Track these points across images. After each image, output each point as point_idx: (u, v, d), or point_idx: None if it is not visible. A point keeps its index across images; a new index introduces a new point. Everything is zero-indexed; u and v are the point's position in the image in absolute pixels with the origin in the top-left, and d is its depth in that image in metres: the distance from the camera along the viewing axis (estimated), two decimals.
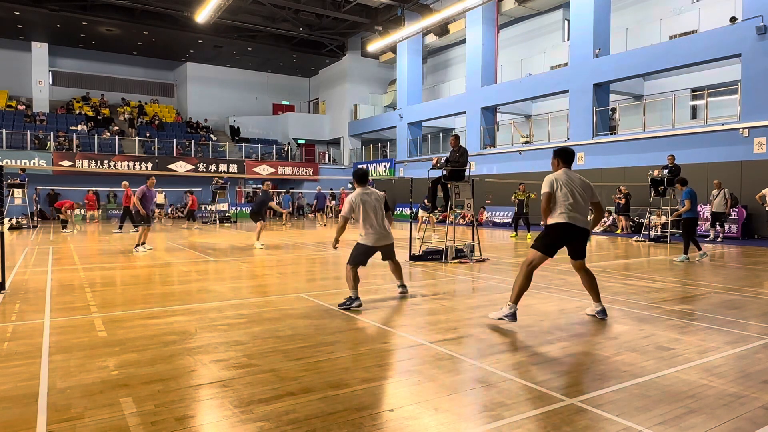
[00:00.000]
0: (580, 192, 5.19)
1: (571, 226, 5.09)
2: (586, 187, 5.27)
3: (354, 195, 6.17)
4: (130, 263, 9.98)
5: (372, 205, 6.14)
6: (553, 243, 5.13)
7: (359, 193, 6.17)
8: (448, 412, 3.07)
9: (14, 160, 24.88)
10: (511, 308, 5.06)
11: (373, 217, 6.11)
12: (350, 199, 6.13)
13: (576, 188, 5.18)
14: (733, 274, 8.64)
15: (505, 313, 5.07)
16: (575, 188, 5.18)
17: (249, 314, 5.62)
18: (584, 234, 5.21)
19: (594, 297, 5.43)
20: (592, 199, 5.31)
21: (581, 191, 5.20)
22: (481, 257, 10.44)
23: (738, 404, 3.19)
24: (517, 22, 27.24)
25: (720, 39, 16.56)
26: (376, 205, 6.18)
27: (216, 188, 24.90)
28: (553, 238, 5.14)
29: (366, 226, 6.13)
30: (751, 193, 14.70)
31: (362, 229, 6.17)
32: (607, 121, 20.86)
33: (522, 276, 5.11)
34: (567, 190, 5.15)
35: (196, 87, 37.29)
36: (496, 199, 24.19)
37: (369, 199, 6.15)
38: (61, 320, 5.34)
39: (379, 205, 6.22)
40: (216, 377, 3.64)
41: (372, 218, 6.11)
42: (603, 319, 5.33)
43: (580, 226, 5.14)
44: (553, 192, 5.18)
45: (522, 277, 5.11)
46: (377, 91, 36.55)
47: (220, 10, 23.67)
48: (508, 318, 5.06)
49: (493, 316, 5.18)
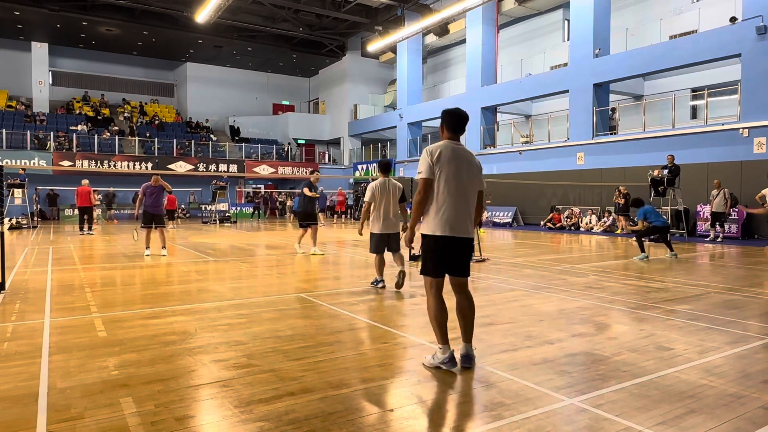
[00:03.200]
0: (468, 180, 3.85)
1: (452, 239, 3.78)
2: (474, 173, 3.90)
3: (375, 183, 6.94)
4: (130, 263, 9.98)
5: (388, 193, 6.88)
6: (438, 258, 3.82)
7: (380, 181, 6.94)
8: (449, 412, 3.07)
9: (14, 160, 24.89)
10: (444, 351, 3.77)
11: (385, 205, 6.85)
12: (371, 186, 6.90)
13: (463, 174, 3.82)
14: (733, 274, 8.64)
15: (441, 360, 3.76)
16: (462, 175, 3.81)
17: (249, 314, 5.62)
18: (469, 245, 3.91)
19: (464, 334, 3.89)
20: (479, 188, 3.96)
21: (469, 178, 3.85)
22: (481, 257, 10.44)
23: (738, 404, 3.19)
24: (517, 22, 27.24)
25: (720, 39, 16.56)
26: (392, 194, 6.90)
27: (216, 188, 24.93)
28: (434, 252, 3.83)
29: (378, 213, 6.87)
30: (751, 193, 14.69)
31: (372, 216, 6.91)
32: (607, 121, 20.86)
33: (434, 306, 3.84)
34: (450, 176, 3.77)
35: (196, 87, 37.30)
36: (496, 199, 24.20)
37: (387, 188, 6.90)
38: (61, 320, 5.34)
39: (394, 195, 6.92)
40: (216, 377, 3.64)
41: (384, 206, 6.85)
42: (468, 367, 3.82)
43: (463, 237, 3.82)
44: (434, 178, 3.76)
45: (434, 307, 3.84)
46: (377, 91, 36.56)
47: (220, 10, 23.67)
48: (445, 365, 3.75)
49: (427, 363, 3.88)
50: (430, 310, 3.87)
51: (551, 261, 10.41)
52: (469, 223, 3.86)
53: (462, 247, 3.84)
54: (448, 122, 3.89)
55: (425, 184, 3.76)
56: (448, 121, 3.89)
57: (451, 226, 3.76)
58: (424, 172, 3.76)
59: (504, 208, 23.59)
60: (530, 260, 10.54)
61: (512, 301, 6.32)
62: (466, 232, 3.83)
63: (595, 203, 20.02)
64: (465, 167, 3.82)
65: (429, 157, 3.76)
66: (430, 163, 3.75)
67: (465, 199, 3.81)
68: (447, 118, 3.89)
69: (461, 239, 3.81)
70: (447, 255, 3.81)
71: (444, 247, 3.80)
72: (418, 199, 3.78)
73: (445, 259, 3.82)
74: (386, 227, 6.91)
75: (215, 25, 28.08)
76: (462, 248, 3.84)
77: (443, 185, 3.75)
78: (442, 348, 3.80)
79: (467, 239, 3.85)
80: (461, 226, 3.79)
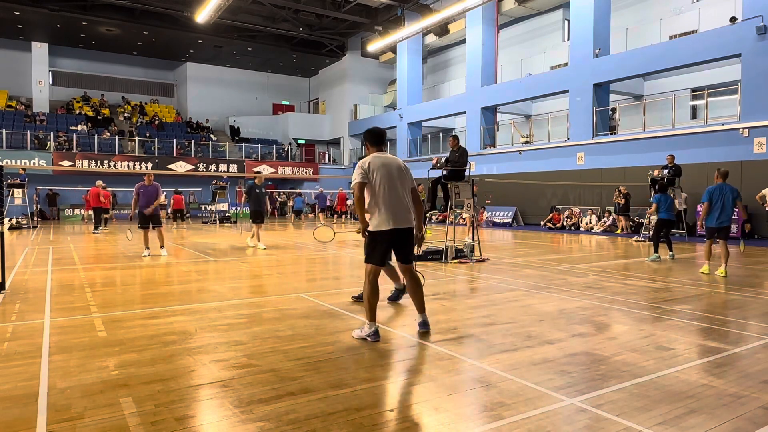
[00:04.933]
0: (402, 177, 4.62)
1: (394, 231, 4.51)
2: (403, 170, 4.68)
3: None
4: (130, 263, 9.98)
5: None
6: (381, 250, 4.58)
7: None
8: (448, 412, 3.07)
9: (14, 160, 24.88)
10: (370, 327, 4.53)
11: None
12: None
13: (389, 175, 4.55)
14: (733, 274, 8.63)
15: (367, 333, 4.51)
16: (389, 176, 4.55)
17: (249, 314, 5.62)
18: (410, 234, 4.65)
19: (417, 306, 4.84)
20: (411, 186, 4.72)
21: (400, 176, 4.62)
22: (481, 257, 10.44)
23: (738, 404, 3.19)
24: (517, 22, 27.24)
25: (720, 39, 16.56)
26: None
27: (216, 188, 24.93)
28: (379, 244, 4.57)
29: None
30: (751, 193, 14.69)
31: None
32: (607, 121, 20.86)
33: (369, 290, 4.57)
34: (383, 179, 4.51)
35: (196, 87, 37.30)
36: (496, 199, 24.21)
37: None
38: (61, 320, 5.34)
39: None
40: (216, 377, 3.64)
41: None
42: (424, 331, 4.75)
43: (405, 227, 4.58)
44: (368, 181, 4.50)
45: (369, 291, 4.57)
46: (377, 91, 36.56)
47: (220, 10, 23.68)
48: (371, 338, 4.49)
49: (355, 335, 4.63)
50: (367, 294, 4.56)
51: (551, 261, 10.41)
52: (408, 215, 4.59)
53: (405, 236, 4.59)
54: (369, 139, 4.75)
55: (360, 187, 4.51)
56: (369, 139, 4.75)
57: (393, 220, 4.48)
58: (359, 178, 4.50)
59: (504, 208, 23.60)
60: (530, 260, 10.54)
61: (512, 301, 6.33)
62: (408, 223, 4.57)
63: (595, 203, 20.02)
64: (394, 170, 4.60)
65: (361, 168, 4.53)
66: (365, 172, 4.50)
67: (400, 195, 4.56)
68: (368, 137, 4.75)
69: (403, 230, 4.54)
70: (393, 244, 4.58)
71: (390, 238, 4.53)
72: (355, 198, 4.51)
73: (390, 249, 4.62)
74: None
75: (215, 25, 28.08)
76: (405, 237, 4.59)
77: (379, 187, 4.48)
78: (369, 324, 4.54)
79: (409, 229, 4.60)
80: (402, 218, 4.53)
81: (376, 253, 4.57)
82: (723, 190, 8.39)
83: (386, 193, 4.49)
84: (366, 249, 4.63)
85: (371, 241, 4.57)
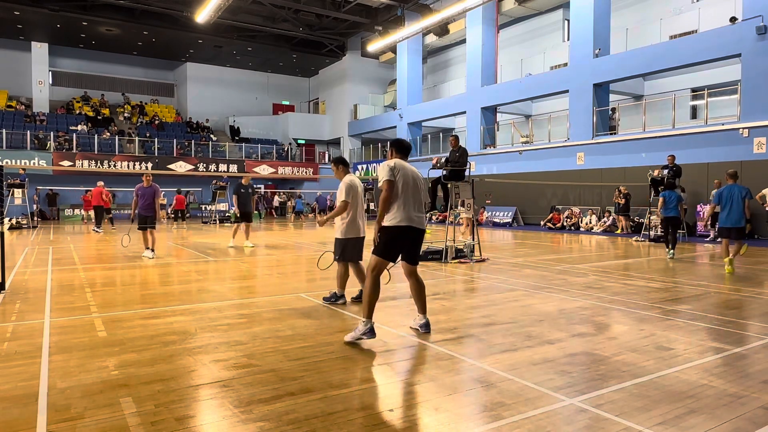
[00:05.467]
0: (418, 185, 4.81)
1: (411, 229, 4.63)
2: (420, 181, 4.88)
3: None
4: (130, 263, 9.97)
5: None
6: (394, 246, 4.64)
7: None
8: (448, 412, 3.07)
9: (14, 160, 24.88)
10: (366, 324, 4.45)
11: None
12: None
13: (410, 181, 4.74)
14: (734, 274, 8.63)
15: (362, 332, 4.44)
16: (410, 181, 4.74)
17: (249, 314, 5.62)
18: (422, 237, 4.81)
19: (420, 308, 4.91)
20: None
21: (418, 184, 4.80)
22: (481, 257, 10.44)
23: (738, 404, 3.19)
24: (517, 22, 27.24)
25: (720, 39, 16.56)
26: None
27: (216, 188, 24.94)
28: (394, 240, 4.63)
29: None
30: (752, 193, 14.69)
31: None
32: (607, 121, 20.86)
33: (370, 286, 4.55)
34: (406, 182, 4.70)
35: (196, 87, 37.29)
36: (496, 199, 24.20)
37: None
38: (61, 320, 5.34)
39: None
40: (216, 377, 3.64)
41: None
42: (426, 333, 4.80)
43: (420, 229, 4.72)
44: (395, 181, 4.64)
45: (370, 287, 4.55)
46: (377, 91, 36.55)
47: (220, 10, 23.67)
48: (366, 336, 4.44)
49: (349, 338, 4.52)
50: (368, 289, 4.54)
51: (551, 261, 10.41)
52: (423, 219, 4.77)
53: (418, 237, 4.73)
54: (397, 148, 4.97)
55: (390, 185, 4.61)
56: (397, 148, 4.97)
57: (412, 220, 4.62)
58: (388, 176, 4.64)
59: (504, 208, 23.59)
60: (530, 260, 10.54)
61: (512, 301, 6.33)
62: (422, 225, 4.75)
63: (595, 203, 20.01)
64: (415, 177, 4.83)
65: (389, 167, 4.69)
66: (392, 171, 4.66)
67: (418, 199, 4.76)
68: (397, 146, 4.98)
69: (418, 231, 4.70)
70: (405, 243, 4.67)
71: (407, 235, 4.63)
72: (384, 196, 4.58)
73: (403, 247, 4.67)
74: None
75: (215, 25, 28.07)
76: (417, 238, 4.74)
77: (402, 188, 4.65)
78: (365, 321, 4.48)
79: (422, 231, 4.76)
80: (419, 220, 4.69)
81: (389, 248, 4.60)
82: (732, 191, 8.65)
83: (407, 194, 4.67)
84: (378, 244, 4.60)
85: (388, 236, 4.60)
